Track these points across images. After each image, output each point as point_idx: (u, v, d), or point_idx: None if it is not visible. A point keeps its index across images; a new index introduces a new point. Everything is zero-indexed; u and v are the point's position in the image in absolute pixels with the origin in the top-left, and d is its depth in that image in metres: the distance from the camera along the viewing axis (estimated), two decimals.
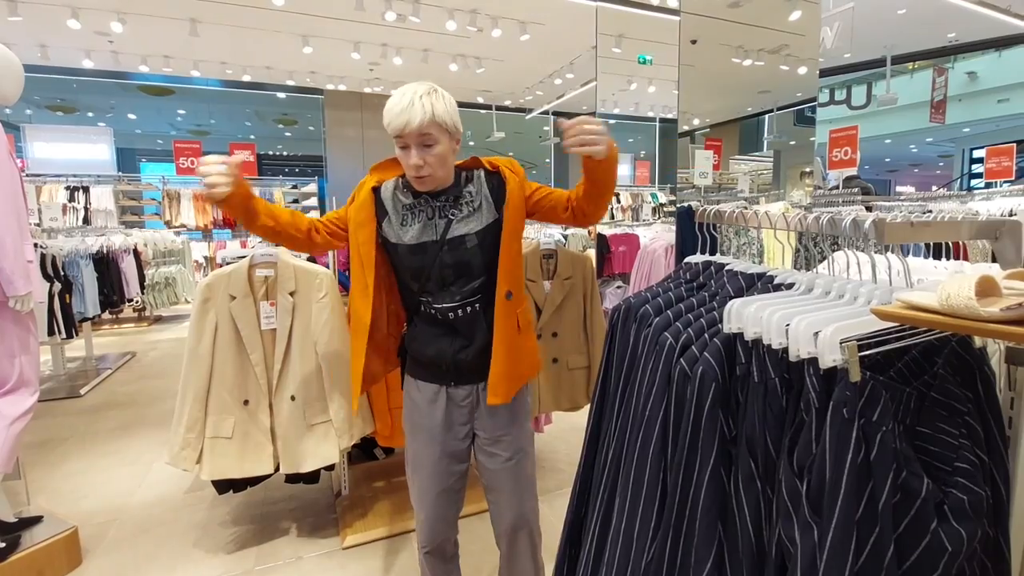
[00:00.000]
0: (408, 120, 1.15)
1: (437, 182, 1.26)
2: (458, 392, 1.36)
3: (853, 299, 0.77)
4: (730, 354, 0.80)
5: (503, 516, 1.44)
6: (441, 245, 1.28)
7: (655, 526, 0.84)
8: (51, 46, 6.58)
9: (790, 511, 0.70)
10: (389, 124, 1.18)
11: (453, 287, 1.30)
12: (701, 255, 1.08)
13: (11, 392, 1.84)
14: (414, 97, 1.17)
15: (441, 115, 1.19)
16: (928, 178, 18.74)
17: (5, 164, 1.74)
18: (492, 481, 1.43)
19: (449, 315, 1.30)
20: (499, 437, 1.39)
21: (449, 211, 1.30)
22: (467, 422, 1.39)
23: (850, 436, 0.64)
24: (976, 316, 0.52)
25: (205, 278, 1.93)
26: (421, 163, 1.20)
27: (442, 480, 1.40)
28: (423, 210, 1.31)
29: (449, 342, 1.32)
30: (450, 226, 1.29)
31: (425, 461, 1.39)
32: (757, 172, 5.17)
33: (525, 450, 1.44)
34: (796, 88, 4.49)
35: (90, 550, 2.11)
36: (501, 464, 1.40)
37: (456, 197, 1.31)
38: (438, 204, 1.30)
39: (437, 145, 1.20)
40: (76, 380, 4.32)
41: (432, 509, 1.41)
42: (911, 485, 0.66)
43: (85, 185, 7.58)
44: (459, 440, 1.40)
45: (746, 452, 0.75)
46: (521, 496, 1.43)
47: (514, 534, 1.45)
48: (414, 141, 1.19)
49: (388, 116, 1.18)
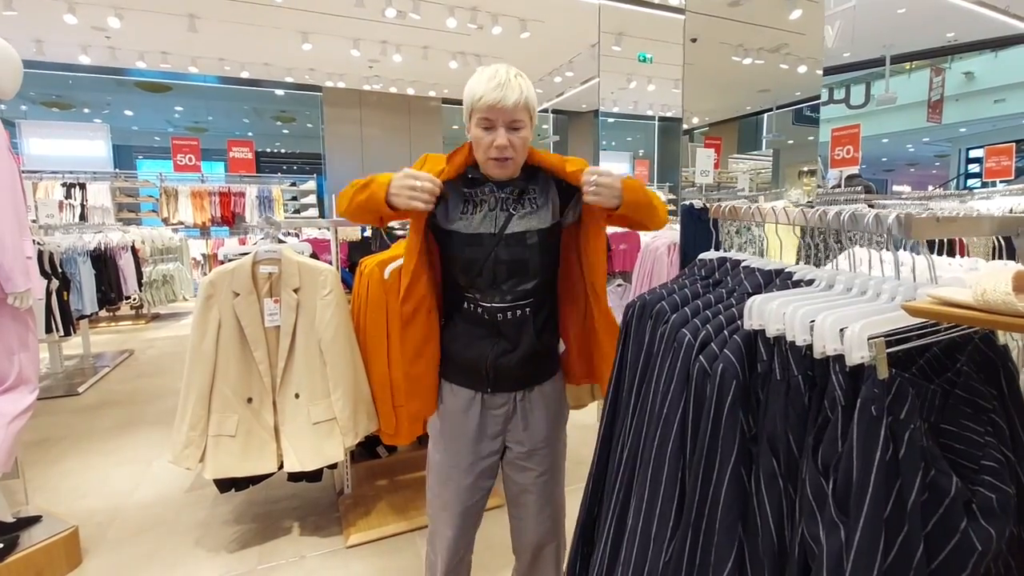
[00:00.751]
0: (504, 96, 1.09)
1: (514, 169, 1.19)
2: (494, 399, 1.28)
3: (876, 295, 0.76)
4: (750, 351, 0.79)
5: (527, 532, 1.37)
6: (499, 239, 1.20)
7: (673, 525, 0.83)
8: (47, 41, 6.53)
9: (815, 510, 0.68)
10: (481, 98, 1.10)
11: (504, 286, 1.21)
12: (715, 252, 1.07)
13: (10, 390, 1.82)
14: (508, 75, 1.11)
15: (532, 100, 1.15)
16: (925, 178, 18.80)
17: (4, 160, 1.72)
18: (520, 497, 1.35)
19: (497, 316, 1.22)
20: (534, 451, 1.32)
21: (512, 205, 1.22)
22: (500, 434, 1.31)
23: (878, 434, 0.63)
24: (1015, 312, 0.51)
25: (208, 275, 1.91)
26: (507, 144, 1.12)
27: (469, 496, 1.31)
28: (485, 200, 1.22)
29: (491, 345, 1.23)
30: (510, 220, 1.21)
31: (453, 474, 1.31)
32: (756, 171, 5.18)
33: (560, 465, 1.38)
34: (795, 87, 4.49)
35: (90, 550, 2.09)
36: (533, 479, 1.33)
37: (521, 192, 1.23)
38: (502, 196, 1.22)
39: (524, 129, 1.15)
40: (74, 378, 4.29)
41: (455, 528, 1.32)
42: (940, 483, 0.65)
43: (82, 182, 7.54)
44: (491, 454, 1.32)
45: (768, 450, 0.74)
46: (553, 510, 1.37)
47: (539, 550, 1.38)
48: (504, 120, 1.12)
49: (479, 90, 1.11)
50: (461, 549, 1.36)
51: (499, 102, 1.09)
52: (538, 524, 1.36)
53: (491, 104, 1.10)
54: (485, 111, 1.11)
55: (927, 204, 3.68)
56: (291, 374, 1.94)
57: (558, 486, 1.38)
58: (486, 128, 1.14)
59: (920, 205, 3.71)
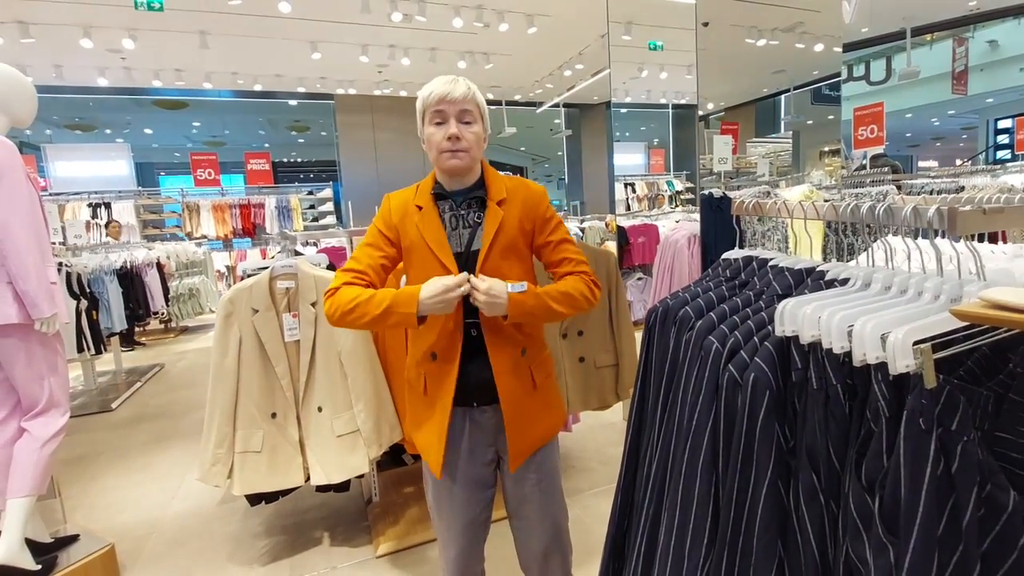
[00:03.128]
0: (452, 89, 1.17)
1: (467, 165, 1.21)
2: (481, 412, 1.27)
3: (918, 294, 0.71)
4: (783, 359, 0.75)
5: (533, 542, 1.35)
6: (466, 257, 1.21)
7: (708, 543, 0.79)
8: (65, 65, 6.69)
9: (860, 530, 0.64)
10: (431, 94, 1.18)
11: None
12: (739, 251, 1.03)
13: (41, 414, 1.85)
14: (457, 78, 1.21)
15: (480, 101, 1.22)
16: (952, 151, 18.16)
17: (22, 188, 1.74)
18: (521, 507, 1.34)
19: (471, 332, 1.22)
20: (529, 459, 1.30)
21: (473, 216, 1.24)
22: (491, 444, 1.30)
23: (928, 448, 0.59)
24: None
25: (227, 292, 1.92)
26: (458, 132, 1.17)
27: (469, 510, 1.31)
28: (448, 217, 1.25)
29: (470, 360, 1.23)
30: (475, 236, 1.22)
31: (448, 492, 1.30)
32: (776, 154, 5.04)
33: (555, 464, 1.36)
34: (812, 66, 4.36)
35: (128, 566, 2.13)
36: (531, 488, 1.31)
37: (482, 200, 1.24)
38: (462, 212, 1.24)
39: (475, 124, 1.21)
40: (107, 394, 4.39)
41: (459, 545, 1.32)
42: (997, 498, 0.60)
43: (107, 201, 7.73)
44: (484, 465, 1.31)
45: (807, 464, 0.70)
46: (554, 518, 1.35)
47: (546, 561, 1.36)
48: (454, 112, 1.18)
49: (430, 88, 1.19)
50: (471, 565, 1.35)
51: (448, 94, 1.17)
52: (543, 532, 1.34)
53: (441, 96, 1.17)
54: (435, 103, 1.18)
55: (957, 181, 3.53)
56: (313, 388, 1.94)
57: (557, 491, 1.36)
58: (438, 123, 1.19)
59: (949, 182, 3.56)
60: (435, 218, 1.22)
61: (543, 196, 1.29)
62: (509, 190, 1.26)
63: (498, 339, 1.21)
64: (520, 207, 1.24)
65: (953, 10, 7.09)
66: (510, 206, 1.24)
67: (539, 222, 1.26)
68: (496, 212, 1.22)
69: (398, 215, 1.25)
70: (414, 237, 1.22)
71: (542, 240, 1.27)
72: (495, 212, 1.22)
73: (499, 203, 1.23)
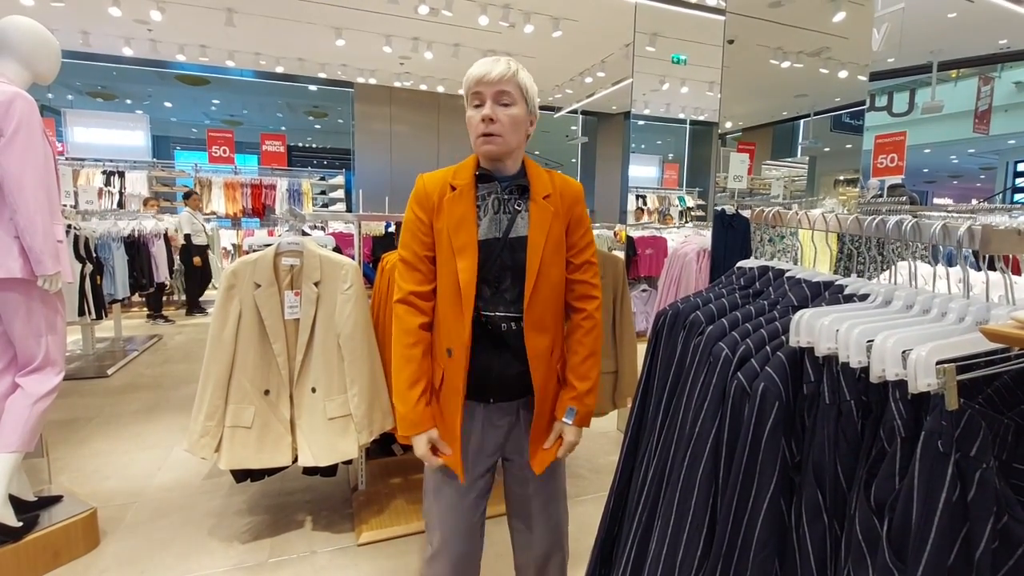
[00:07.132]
0: (489, 70, 1.11)
1: (502, 151, 1.15)
2: (498, 409, 1.24)
3: (941, 315, 0.68)
4: (795, 370, 0.72)
5: (533, 545, 1.32)
6: (503, 244, 1.16)
7: (701, 556, 0.77)
8: (92, 33, 6.71)
9: (864, 553, 0.62)
10: (468, 77, 1.14)
11: (508, 294, 1.17)
12: (755, 260, 1.00)
13: (36, 371, 1.84)
14: (500, 58, 1.15)
15: (524, 80, 1.16)
16: (968, 191, 18.05)
17: (38, 144, 1.73)
18: (523, 508, 1.30)
19: (501, 326, 1.17)
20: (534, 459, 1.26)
21: (515, 203, 1.19)
22: (500, 447, 1.27)
23: (944, 472, 0.56)
24: None
25: (231, 264, 1.91)
26: (492, 114, 1.12)
27: (469, 515, 1.27)
28: (488, 201, 1.19)
29: (496, 355, 1.19)
30: (514, 223, 1.17)
31: (451, 491, 1.26)
32: (790, 178, 5.01)
33: (560, 469, 1.33)
34: (835, 92, 4.33)
35: (108, 532, 2.11)
36: (535, 488, 1.28)
37: (524, 188, 1.20)
38: (505, 197, 1.19)
39: (513, 106, 1.14)
40: (104, 360, 4.39)
41: (456, 548, 1.26)
42: (1013, 531, 0.57)
43: (121, 170, 7.76)
44: (488, 470, 1.28)
45: (812, 481, 0.67)
46: (557, 520, 1.32)
47: (545, 564, 1.33)
48: (491, 94, 1.12)
49: (471, 69, 1.14)
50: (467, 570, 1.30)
51: (485, 74, 1.12)
52: (544, 535, 1.31)
53: (478, 77, 1.12)
54: (474, 85, 1.13)
55: (975, 217, 3.49)
56: (308, 368, 1.92)
57: (560, 491, 1.34)
58: (477, 106, 1.15)
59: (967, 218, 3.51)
60: (466, 201, 1.16)
61: (581, 195, 1.25)
62: (554, 185, 1.21)
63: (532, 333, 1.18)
64: (561, 203, 1.20)
65: (983, 47, 7.05)
66: (555, 202, 1.19)
67: (573, 222, 1.23)
68: (545, 208, 1.17)
69: (437, 196, 1.18)
70: (446, 220, 1.18)
71: (569, 242, 1.23)
72: (543, 208, 1.17)
73: (545, 198, 1.19)
